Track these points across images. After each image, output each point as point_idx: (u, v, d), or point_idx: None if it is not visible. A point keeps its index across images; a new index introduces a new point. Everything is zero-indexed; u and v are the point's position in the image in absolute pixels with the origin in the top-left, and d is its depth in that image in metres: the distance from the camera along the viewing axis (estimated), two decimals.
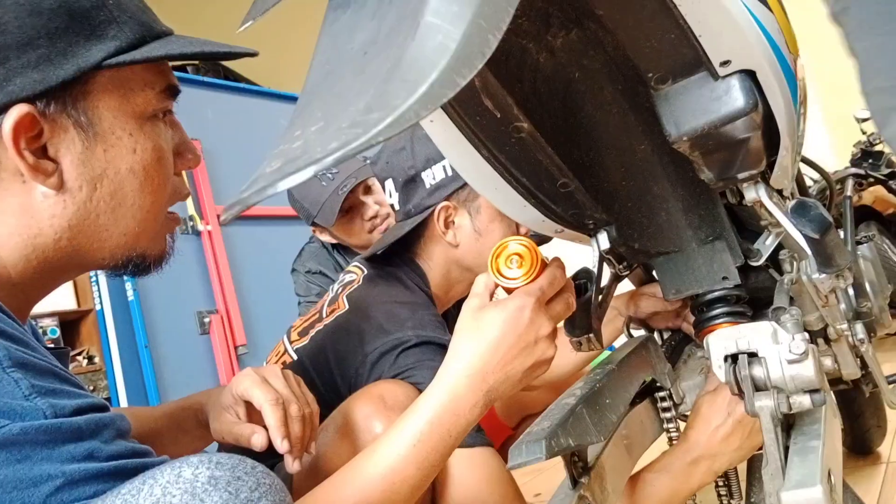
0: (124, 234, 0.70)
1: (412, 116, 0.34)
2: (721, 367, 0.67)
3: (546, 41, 0.78)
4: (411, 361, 1.08)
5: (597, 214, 0.97)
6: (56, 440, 0.53)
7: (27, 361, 0.56)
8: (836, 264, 0.81)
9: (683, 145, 0.76)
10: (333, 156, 0.33)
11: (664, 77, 0.73)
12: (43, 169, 0.64)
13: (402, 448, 0.69)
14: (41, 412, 0.53)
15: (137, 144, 0.68)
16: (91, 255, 0.70)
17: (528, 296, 0.73)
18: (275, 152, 0.38)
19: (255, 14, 0.49)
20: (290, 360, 1.20)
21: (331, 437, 1.02)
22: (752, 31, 0.70)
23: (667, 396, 0.92)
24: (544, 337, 0.73)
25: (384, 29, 0.42)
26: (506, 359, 0.71)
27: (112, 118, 0.67)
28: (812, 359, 0.64)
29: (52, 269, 0.69)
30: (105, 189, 0.67)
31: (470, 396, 0.71)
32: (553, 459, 0.65)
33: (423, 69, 0.37)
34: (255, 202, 0.35)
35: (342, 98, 0.38)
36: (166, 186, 0.72)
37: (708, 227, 0.94)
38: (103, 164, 0.67)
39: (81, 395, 0.58)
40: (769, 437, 0.65)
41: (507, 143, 0.83)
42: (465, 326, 0.75)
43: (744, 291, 0.95)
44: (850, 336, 1.04)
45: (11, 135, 0.62)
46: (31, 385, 0.54)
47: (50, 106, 0.64)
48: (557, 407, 0.70)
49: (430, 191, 1.22)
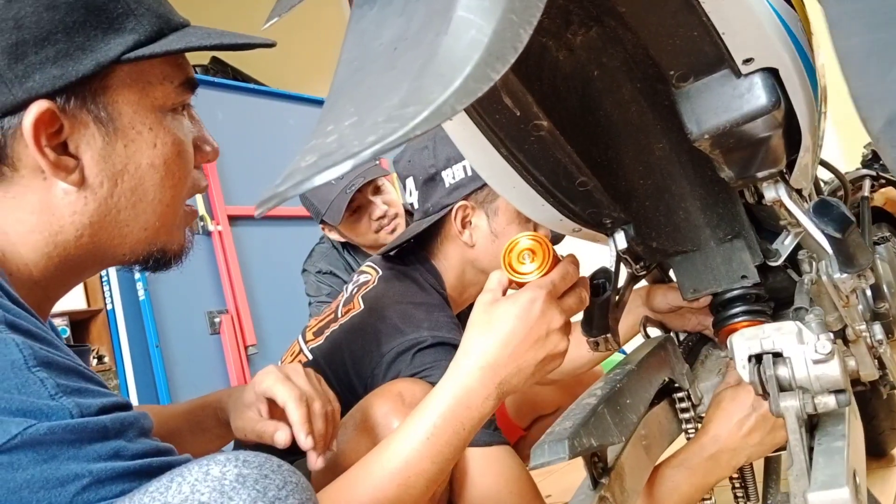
0: (144, 228, 0.69)
1: (448, 111, 0.34)
2: (745, 368, 0.66)
3: (566, 39, 0.77)
4: (428, 361, 1.08)
5: (615, 213, 0.97)
6: (82, 439, 0.53)
7: (52, 360, 0.56)
8: (859, 264, 0.80)
9: (704, 143, 0.75)
10: (371, 149, 0.33)
11: (686, 75, 0.73)
12: (64, 165, 0.64)
13: (416, 442, 0.69)
14: (67, 411, 0.53)
15: (157, 139, 0.68)
16: (112, 250, 0.70)
17: (539, 289, 0.73)
18: (307, 147, 0.38)
19: (281, 11, 0.49)
20: (305, 360, 1.20)
21: (349, 435, 1.02)
22: (775, 28, 0.69)
23: (685, 397, 0.92)
24: (556, 330, 0.74)
25: (413, 25, 0.42)
26: (517, 351, 0.72)
27: (132, 113, 0.66)
28: (838, 359, 0.64)
29: (72, 265, 0.68)
30: (126, 184, 0.67)
31: (482, 389, 0.71)
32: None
33: (458, 63, 0.37)
34: (291, 195, 0.35)
35: (375, 93, 0.38)
36: (186, 180, 0.72)
37: (727, 225, 0.93)
38: (124, 160, 0.66)
39: (105, 394, 0.58)
40: (794, 437, 0.64)
41: (526, 142, 0.82)
42: (476, 321, 0.75)
43: (763, 290, 0.94)
44: (868, 337, 1.03)
45: (32, 131, 0.62)
46: (57, 384, 0.54)
47: (70, 102, 0.63)
48: (578, 407, 0.70)
49: (448, 190, 1.22)
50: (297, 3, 0.48)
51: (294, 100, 3.16)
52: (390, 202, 2.09)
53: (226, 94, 2.99)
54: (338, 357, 1.16)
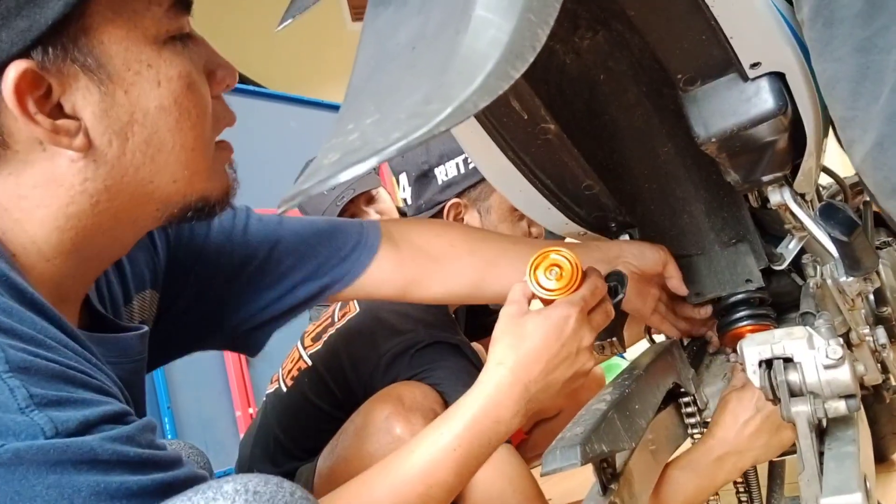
0: (174, 181, 0.61)
1: (471, 108, 0.34)
2: (756, 373, 0.66)
3: (573, 42, 0.78)
4: (426, 362, 1.08)
5: (620, 217, 0.97)
6: (61, 462, 0.46)
7: (30, 365, 0.48)
8: (865, 267, 0.80)
9: (711, 147, 0.76)
10: (396, 145, 0.33)
11: (693, 78, 0.73)
12: (65, 130, 0.55)
13: (441, 452, 0.66)
14: (39, 428, 0.46)
15: (160, 75, 0.58)
16: (139, 211, 0.62)
17: (572, 306, 0.70)
18: (328, 145, 0.37)
19: (295, 12, 0.49)
20: (305, 366, 1.20)
21: (351, 439, 1.01)
22: (782, 33, 0.69)
23: (691, 402, 0.91)
24: (585, 348, 0.71)
25: (431, 24, 0.42)
26: (548, 368, 0.69)
27: (123, 52, 0.56)
28: (848, 364, 0.64)
29: (95, 236, 0.61)
30: (138, 137, 0.58)
31: (511, 405, 0.68)
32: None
33: (479, 62, 0.36)
34: (316, 192, 0.35)
35: (396, 91, 0.38)
36: (206, 115, 0.62)
37: (731, 229, 0.94)
38: (129, 109, 0.57)
39: (96, 403, 0.50)
40: (805, 442, 0.64)
41: (534, 145, 0.82)
42: (505, 332, 0.72)
43: (767, 294, 0.94)
44: (871, 341, 1.03)
45: (15, 99, 0.52)
46: (30, 395, 0.47)
47: (49, 55, 0.53)
48: (588, 412, 0.69)
49: (441, 187, 1.22)
50: (311, 4, 0.48)
51: (295, 102, 3.14)
52: (383, 211, 2.09)
53: (226, 96, 2.97)
54: (336, 362, 1.16)
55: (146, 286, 0.77)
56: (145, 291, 0.77)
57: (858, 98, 0.57)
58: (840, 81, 0.58)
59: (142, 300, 0.77)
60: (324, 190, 0.34)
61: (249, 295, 0.83)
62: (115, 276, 0.74)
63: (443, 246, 0.89)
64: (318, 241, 0.86)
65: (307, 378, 1.18)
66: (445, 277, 0.89)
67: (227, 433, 2.32)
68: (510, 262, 0.89)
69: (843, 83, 0.57)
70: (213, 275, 0.82)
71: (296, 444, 1.16)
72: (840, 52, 0.57)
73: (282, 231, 0.85)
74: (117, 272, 0.74)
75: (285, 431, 1.18)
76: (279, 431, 1.18)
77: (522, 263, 0.90)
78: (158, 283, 0.79)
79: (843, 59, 0.57)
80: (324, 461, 1.05)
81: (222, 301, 0.83)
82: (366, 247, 0.86)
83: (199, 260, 0.81)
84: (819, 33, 0.58)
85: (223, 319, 0.84)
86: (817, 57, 0.60)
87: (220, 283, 0.82)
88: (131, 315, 0.76)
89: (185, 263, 0.81)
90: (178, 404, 2.23)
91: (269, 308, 0.84)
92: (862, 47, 0.56)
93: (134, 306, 0.76)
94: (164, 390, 2.19)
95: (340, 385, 1.14)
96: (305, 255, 0.85)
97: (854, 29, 0.56)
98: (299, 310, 0.87)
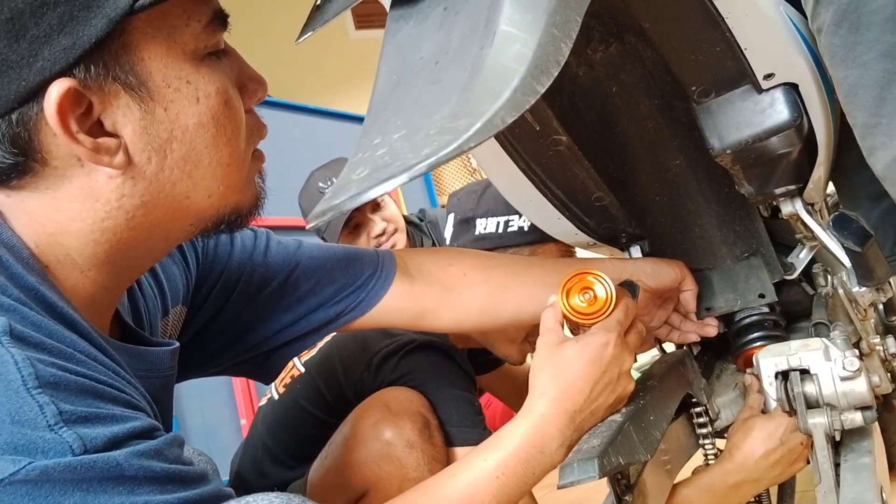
0: (208, 196, 0.61)
1: (499, 122, 0.34)
2: (772, 385, 0.66)
3: (586, 55, 0.78)
4: (412, 364, 1.09)
5: (630, 229, 0.97)
6: (89, 479, 0.46)
7: (59, 380, 0.48)
8: (878, 277, 0.80)
9: (726, 159, 0.76)
10: (427, 161, 0.33)
11: (707, 90, 0.73)
12: (105, 148, 0.55)
13: (485, 479, 0.64)
14: (67, 446, 0.46)
15: (199, 92, 0.58)
16: (174, 226, 0.62)
17: (610, 332, 0.70)
18: (355, 160, 0.37)
19: (315, 25, 0.49)
20: (298, 374, 1.21)
21: (340, 449, 1.01)
22: (796, 44, 0.70)
23: (703, 412, 0.91)
24: (626, 372, 0.71)
25: (454, 39, 0.42)
26: (592, 396, 0.68)
27: (163, 68, 0.56)
28: (865, 375, 0.64)
29: (130, 249, 0.61)
30: (176, 153, 0.58)
31: (557, 435, 0.67)
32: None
33: (505, 76, 0.37)
34: (348, 208, 0.35)
35: (422, 106, 0.38)
36: (241, 130, 0.62)
37: (744, 242, 0.93)
38: (168, 126, 0.57)
39: (125, 419, 0.50)
40: (822, 454, 0.64)
41: (545, 156, 0.82)
42: (545, 362, 0.71)
43: (779, 315, 0.93)
44: (882, 350, 1.03)
45: (58, 119, 0.52)
46: (59, 411, 0.47)
47: (91, 73, 0.53)
48: (605, 424, 0.69)
49: (476, 238, 1.24)
50: (332, 17, 0.48)
51: (299, 110, 3.15)
52: (389, 218, 2.09)
53: None
54: (329, 366, 1.16)
55: (179, 301, 0.78)
56: (178, 306, 0.78)
57: (883, 104, 0.56)
58: (864, 88, 0.57)
59: (174, 314, 0.78)
60: (356, 206, 0.34)
61: (266, 316, 0.84)
62: (156, 289, 0.75)
63: (456, 275, 0.90)
64: (335, 268, 0.86)
65: (299, 384, 1.18)
66: (458, 307, 0.90)
67: (231, 441, 2.31)
68: (522, 287, 0.90)
69: (868, 89, 0.57)
70: (232, 293, 0.82)
71: (284, 451, 1.16)
72: (865, 58, 0.56)
73: (300, 255, 0.86)
74: (157, 285, 0.75)
75: (274, 439, 1.18)
76: (268, 439, 1.18)
77: (534, 287, 0.90)
78: (188, 298, 0.80)
79: (869, 64, 0.56)
80: (314, 473, 1.04)
81: (239, 320, 0.83)
82: (381, 277, 0.86)
83: (222, 278, 0.82)
84: (843, 38, 0.58)
85: (239, 339, 0.84)
86: (839, 63, 0.59)
87: (239, 302, 0.82)
88: (165, 329, 0.77)
89: (208, 280, 0.82)
90: (182, 412, 2.22)
91: (285, 331, 0.85)
92: (890, 52, 0.55)
93: (169, 320, 0.77)
94: None
95: (332, 388, 1.15)
96: (322, 281, 0.85)
97: (883, 34, 0.55)
98: (313, 336, 0.88)
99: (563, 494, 0.99)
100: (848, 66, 0.58)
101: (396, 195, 3.05)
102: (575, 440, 0.68)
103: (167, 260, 0.77)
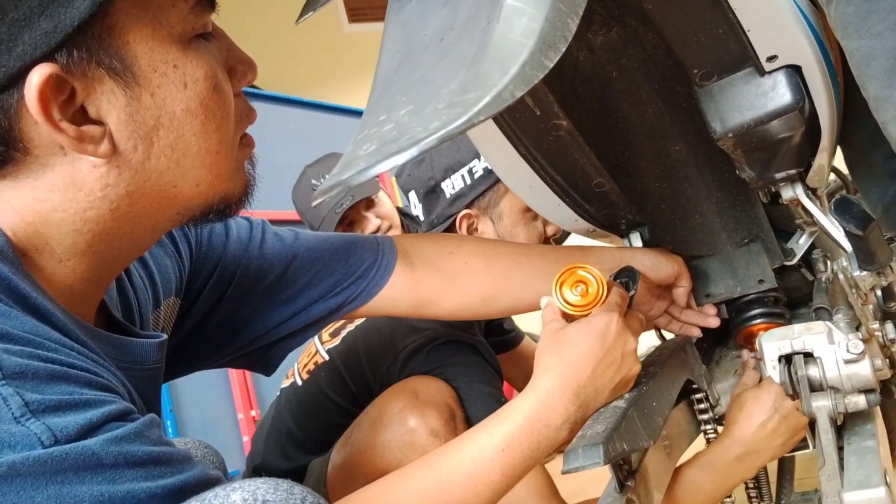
0: (196, 184, 0.59)
1: (508, 97, 0.33)
2: (776, 368, 0.66)
3: (587, 38, 0.77)
4: (441, 358, 1.09)
5: (630, 215, 0.96)
6: (63, 470, 0.43)
7: (27, 369, 0.46)
8: (879, 261, 0.80)
9: (728, 142, 0.75)
10: (437, 135, 0.32)
11: (709, 73, 0.72)
12: (90, 136, 0.53)
13: (491, 451, 0.64)
14: (36, 438, 0.43)
15: (187, 76, 0.55)
16: (160, 215, 0.60)
17: (610, 312, 0.71)
18: (361, 137, 0.37)
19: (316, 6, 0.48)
20: (321, 361, 1.21)
21: (365, 431, 1.02)
22: (799, 26, 0.69)
23: (703, 398, 0.91)
24: (631, 352, 0.71)
25: (460, 15, 0.41)
26: (596, 373, 0.68)
27: (149, 52, 0.53)
28: (869, 358, 0.63)
29: (114, 239, 0.59)
30: (163, 142, 0.55)
31: (562, 409, 0.67)
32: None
33: (513, 51, 0.36)
34: (356, 183, 0.34)
35: (429, 82, 0.37)
36: (230, 116, 0.60)
37: (744, 228, 0.93)
38: (155, 112, 0.54)
39: (98, 403, 0.48)
40: (826, 437, 0.64)
41: (545, 141, 0.82)
42: (549, 343, 0.71)
43: (780, 292, 0.93)
44: (881, 336, 1.03)
45: (39, 106, 0.49)
46: (25, 402, 0.44)
47: (73, 56, 0.50)
48: (608, 410, 0.69)
49: (450, 200, 1.23)
50: None
51: (293, 104, 3.13)
52: (383, 215, 2.08)
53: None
54: (353, 357, 1.16)
55: (171, 293, 0.76)
56: (171, 298, 0.76)
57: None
58: (877, 59, 0.56)
59: (167, 306, 0.76)
60: (364, 180, 0.34)
61: (264, 309, 0.82)
62: (146, 281, 0.73)
63: (457, 264, 0.89)
64: (334, 259, 0.85)
65: (323, 372, 1.18)
66: (459, 296, 0.89)
67: (229, 435, 2.30)
68: (522, 276, 0.90)
69: (881, 60, 0.56)
70: (229, 286, 0.81)
71: (308, 437, 1.16)
72: (880, 27, 0.55)
73: (298, 247, 0.85)
74: (147, 276, 0.73)
75: (298, 424, 1.18)
76: (292, 424, 1.18)
77: (534, 276, 0.90)
78: (181, 290, 0.78)
79: (883, 34, 0.55)
80: (337, 453, 1.05)
81: (237, 313, 0.82)
82: (381, 266, 0.86)
83: (217, 270, 0.81)
84: (857, 7, 0.56)
85: (238, 333, 0.82)
86: (852, 33, 0.58)
87: (236, 294, 0.81)
88: (157, 321, 0.75)
89: (203, 272, 0.80)
90: (180, 406, 2.21)
91: (284, 325, 0.83)
92: None
93: (161, 312, 0.75)
94: (166, 392, 2.17)
95: (356, 380, 1.15)
96: (321, 273, 0.84)
97: None
98: (314, 328, 0.87)
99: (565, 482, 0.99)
100: (861, 36, 0.57)
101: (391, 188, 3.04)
102: (579, 417, 0.68)
103: (158, 251, 0.76)
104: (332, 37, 4.24)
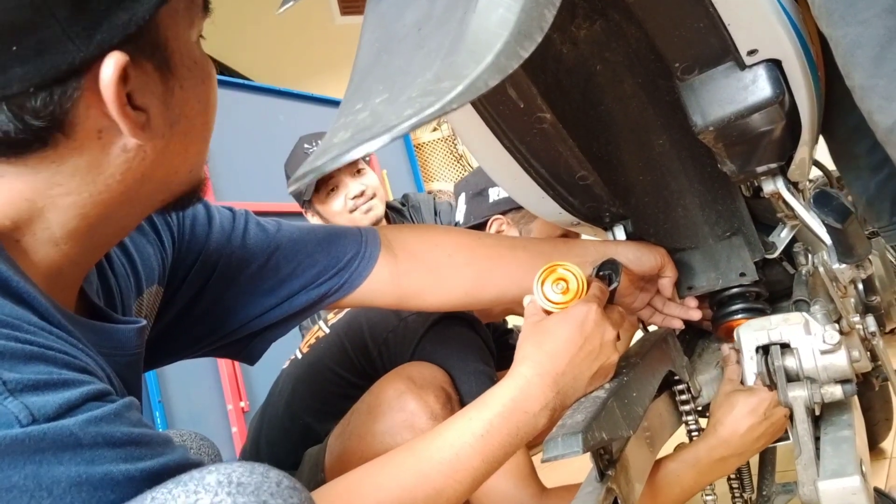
0: (189, 171, 0.63)
1: (482, 85, 0.34)
2: (753, 359, 0.67)
3: (570, 32, 0.77)
4: (438, 335, 1.11)
5: (613, 208, 0.97)
6: (41, 450, 0.43)
7: (3, 349, 0.46)
8: (858, 254, 0.81)
9: (708, 136, 0.76)
10: (409, 122, 0.32)
11: (691, 67, 0.73)
12: (140, 123, 0.55)
13: (471, 437, 0.66)
14: (13, 417, 0.43)
15: (203, 72, 0.60)
16: (153, 199, 0.63)
17: (589, 303, 0.73)
18: (337, 125, 0.37)
19: None
20: (322, 335, 1.24)
21: (364, 418, 1.02)
22: (779, 20, 0.70)
23: (685, 389, 0.92)
24: (609, 342, 0.73)
25: (438, 5, 0.42)
26: (574, 361, 0.70)
27: (181, 48, 0.58)
28: (845, 349, 0.64)
29: (110, 222, 0.60)
30: (179, 129, 0.59)
31: (540, 396, 0.68)
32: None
33: (489, 40, 0.36)
34: (329, 169, 0.34)
35: (405, 71, 0.38)
36: (216, 110, 0.64)
37: (726, 222, 0.94)
38: (181, 104, 0.58)
39: (77, 383, 0.48)
40: (802, 427, 0.65)
41: (529, 134, 0.82)
42: (529, 334, 0.73)
43: (763, 288, 0.94)
44: (861, 328, 1.04)
45: (115, 90, 0.52)
46: (2, 381, 0.44)
47: (136, 47, 0.53)
48: (588, 400, 0.69)
49: (491, 204, 1.29)
50: None
51: (284, 95, 3.13)
52: (369, 184, 2.11)
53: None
54: (355, 324, 1.19)
55: (154, 281, 0.77)
56: (153, 286, 0.77)
57: (882, 64, 0.54)
58: (863, 47, 0.55)
59: (150, 295, 0.77)
60: (338, 167, 0.34)
61: (247, 299, 0.83)
62: (128, 269, 0.74)
63: (441, 257, 0.90)
64: (316, 250, 0.86)
65: (324, 343, 1.21)
66: (442, 289, 0.90)
67: (218, 426, 2.30)
68: (506, 270, 0.91)
69: (866, 48, 0.55)
70: (211, 275, 0.81)
71: (307, 408, 1.18)
72: (867, 14, 0.54)
73: (280, 237, 0.85)
74: (129, 264, 0.74)
75: (297, 394, 1.20)
76: (290, 395, 1.20)
77: (517, 270, 0.91)
78: (164, 279, 0.79)
79: (870, 21, 0.54)
80: (335, 440, 1.06)
81: (219, 303, 0.82)
82: (364, 257, 0.86)
83: (199, 259, 0.81)
84: None
85: (220, 323, 0.83)
86: (838, 21, 0.57)
87: (218, 284, 0.82)
88: (140, 309, 0.75)
89: (186, 261, 0.81)
90: (169, 397, 2.21)
91: (266, 315, 0.84)
92: (893, 8, 0.53)
93: (144, 300, 0.76)
94: (154, 383, 2.17)
95: (356, 347, 1.17)
96: (304, 264, 0.85)
97: None
98: (297, 319, 0.87)
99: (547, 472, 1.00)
100: (847, 24, 0.57)
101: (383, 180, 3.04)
102: (558, 405, 0.69)
103: (140, 239, 0.77)
104: (323, 29, 4.23)
